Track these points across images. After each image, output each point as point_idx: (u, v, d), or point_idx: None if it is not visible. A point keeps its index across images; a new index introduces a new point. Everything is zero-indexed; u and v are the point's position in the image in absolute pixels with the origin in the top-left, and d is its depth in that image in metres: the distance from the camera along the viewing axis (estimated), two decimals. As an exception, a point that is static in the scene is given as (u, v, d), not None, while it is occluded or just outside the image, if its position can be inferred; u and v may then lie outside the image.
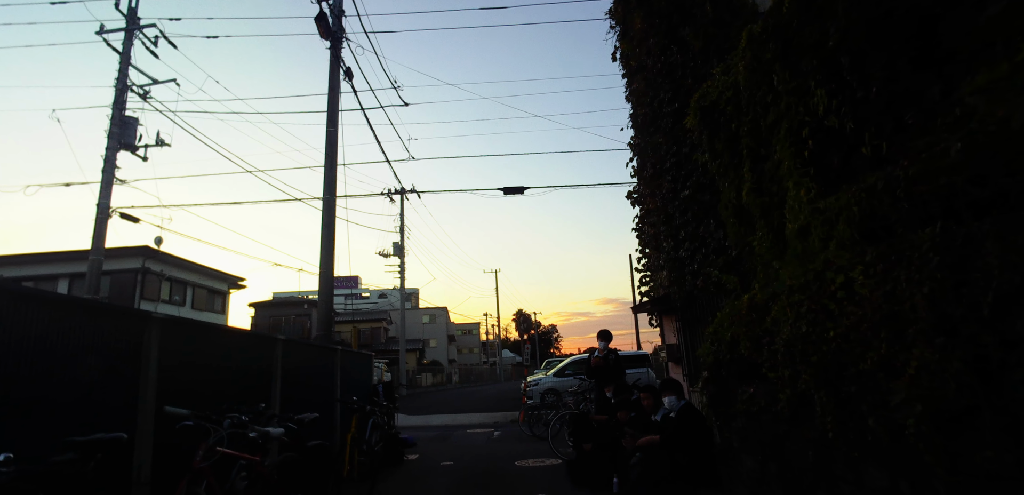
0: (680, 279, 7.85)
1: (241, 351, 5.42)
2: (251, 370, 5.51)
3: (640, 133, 9.41)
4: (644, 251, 10.45)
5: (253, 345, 5.82)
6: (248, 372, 5.43)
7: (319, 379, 7.36)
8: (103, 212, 16.70)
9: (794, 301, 3.27)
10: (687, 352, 8.53)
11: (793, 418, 3.48)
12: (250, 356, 5.56)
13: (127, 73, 17.26)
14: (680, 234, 7.60)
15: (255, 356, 5.66)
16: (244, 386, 5.25)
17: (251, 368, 5.52)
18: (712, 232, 6.51)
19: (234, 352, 5.20)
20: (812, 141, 4.13)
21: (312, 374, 7.10)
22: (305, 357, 6.99)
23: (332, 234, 8.63)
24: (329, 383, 7.76)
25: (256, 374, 5.63)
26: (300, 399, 6.54)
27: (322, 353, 7.73)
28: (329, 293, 8.43)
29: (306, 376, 6.91)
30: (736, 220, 5.13)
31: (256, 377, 5.61)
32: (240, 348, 5.42)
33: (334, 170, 8.89)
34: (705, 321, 7.78)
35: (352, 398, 6.02)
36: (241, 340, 5.52)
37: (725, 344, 4.37)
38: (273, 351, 6.09)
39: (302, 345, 6.92)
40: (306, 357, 7.03)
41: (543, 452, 9.52)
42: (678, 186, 7.61)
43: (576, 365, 19.99)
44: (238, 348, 5.36)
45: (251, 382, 5.45)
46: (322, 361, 7.62)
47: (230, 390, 4.95)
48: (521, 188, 14.36)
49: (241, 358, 5.35)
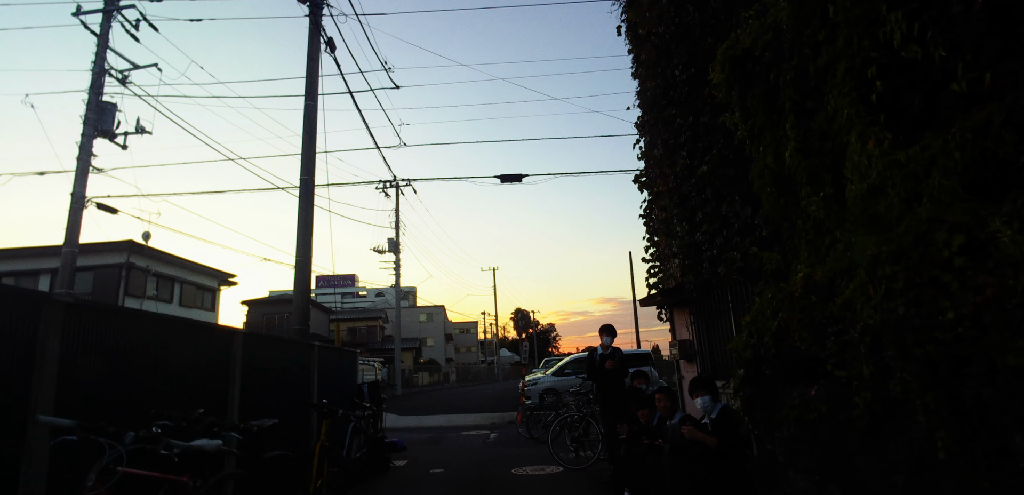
0: (696, 267, 7.03)
1: (188, 345, 4.58)
2: (200, 368, 4.66)
3: (649, 109, 8.58)
4: (652, 239, 9.62)
5: (204, 338, 4.97)
6: (196, 370, 4.59)
7: (292, 379, 6.51)
8: (78, 202, 15.84)
9: (883, 275, 2.46)
10: (702, 349, 7.71)
11: (872, 429, 2.67)
12: (199, 351, 4.71)
13: (105, 56, 16.41)
14: (697, 216, 6.77)
15: (206, 351, 4.82)
16: (189, 387, 4.40)
17: (200, 365, 4.67)
18: (737, 210, 5.69)
19: (175, 346, 4.35)
20: (881, 81, 3.31)
21: (282, 373, 6.25)
22: (274, 354, 6.15)
23: (310, 218, 7.81)
24: (304, 384, 6.92)
25: (207, 373, 4.79)
26: (268, 402, 5.70)
27: (296, 349, 6.89)
28: (306, 283, 7.60)
29: (275, 375, 6.07)
30: (774, 189, 4.31)
31: (207, 376, 4.76)
32: (186, 342, 4.57)
33: (313, 148, 8.06)
34: (724, 313, 6.96)
35: (322, 400, 5.20)
36: (187, 332, 4.67)
37: (769, 335, 3.55)
38: (231, 346, 5.25)
39: (270, 340, 6.08)
40: (275, 354, 6.19)
41: (542, 458, 8.70)
42: (694, 162, 6.78)
43: (575, 364, 19.21)
44: (183, 341, 4.51)
45: (199, 383, 4.60)
46: (296, 358, 6.77)
47: (169, 392, 4.11)
48: (519, 176, 13.54)
49: (187, 354, 4.50)
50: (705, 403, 4.24)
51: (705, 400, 4.23)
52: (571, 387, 13.81)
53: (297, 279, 7.56)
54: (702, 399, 4.25)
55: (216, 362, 4.99)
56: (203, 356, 4.75)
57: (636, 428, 5.30)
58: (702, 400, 4.25)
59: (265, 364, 5.90)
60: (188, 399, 4.14)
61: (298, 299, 7.55)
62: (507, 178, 13.66)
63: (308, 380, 7.08)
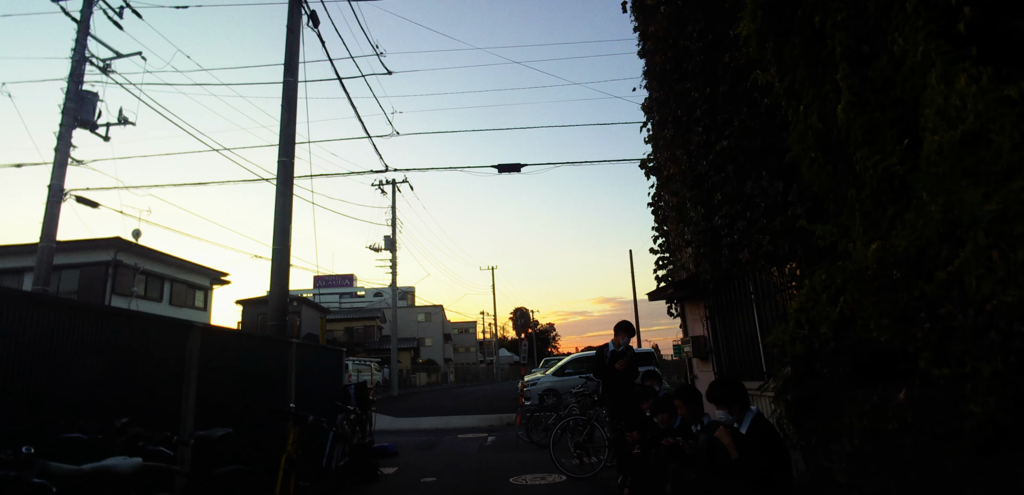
0: (713, 254, 6.34)
1: (124, 341, 3.88)
2: (140, 369, 3.97)
3: (659, 85, 7.89)
4: (661, 228, 8.95)
5: (152, 333, 4.27)
6: (132, 372, 3.89)
7: (265, 382, 5.83)
8: (56, 195, 15.10)
9: (1019, 234, 1.79)
10: (718, 346, 7.02)
11: (992, 447, 1.99)
12: (140, 349, 4.01)
13: (86, 43, 15.70)
14: (714, 197, 6.08)
15: (150, 350, 4.12)
16: (121, 392, 3.70)
17: (140, 366, 3.98)
18: (764, 187, 5.00)
19: (100, 341, 3.64)
20: (969, 7, 2.63)
21: (254, 375, 5.57)
22: (242, 353, 5.46)
23: (289, 204, 7.12)
24: (279, 387, 6.23)
25: (152, 375, 4.09)
26: (234, 409, 5.02)
27: (270, 348, 6.20)
28: (283, 274, 6.91)
29: (244, 378, 5.38)
30: (819, 154, 3.62)
31: (151, 379, 4.07)
32: (120, 336, 3.87)
33: (292, 128, 7.37)
34: (745, 305, 6.28)
35: (289, 405, 4.52)
36: (120, 324, 3.95)
37: (827, 325, 2.86)
38: (185, 342, 4.56)
39: (237, 337, 5.39)
40: (244, 352, 5.50)
41: (543, 464, 8.02)
42: (712, 137, 6.09)
43: (576, 363, 18.53)
44: (113, 336, 3.81)
45: (138, 387, 3.91)
46: (270, 359, 6.09)
47: (85, 398, 3.40)
48: (517, 165, 12.86)
49: (121, 351, 3.81)
50: (724, 416, 3.48)
51: (722, 414, 3.48)
52: (573, 388, 13.14)
53: (274, 270, 6.86)
54: (720, 413, 3.51)
55: (166, 363, 4.29)
56: (146, 355, 4.05)
57: (651, 433, 4.63)
58: (721, 414, 3.51)
59: (232, 365, 5.22)
60: (119, 405, 3.44)
61: (275, 292, 6.86)
62: (505, 168, 12.98)
63: (284, 382, 6.39)
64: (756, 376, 6.07)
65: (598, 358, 7.09)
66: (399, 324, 48.53)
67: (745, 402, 3.57)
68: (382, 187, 33.83)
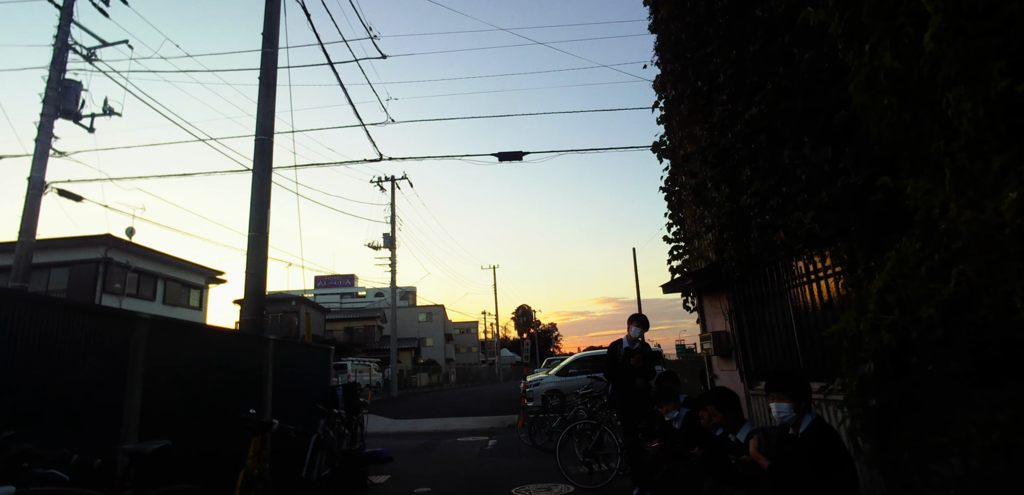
0: (739, 238, 5.64)
1: (50, 335, 3.20)
2: (68, 368, 3.29)
3: (675, 57, 7.19)
4: (676, 215, 8.23)
5: (87, 325, 3.58)
6: (59, 371, 3.21)
7: (234, 383, 5.13)
8: (36, 188, 14.47)
9: None
10: (743, 341, 6.31)
11: None
12: (68, 341, 3.33)
13: (69, 30, 15.09)
14: (742, 173, 5.38)
15: (77, 345, 3.43)
16: (38, 396, 3.02)
17: (68, 364, 3.29)
18: (808, 155, 4.29)
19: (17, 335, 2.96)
20: None
21: (217, 375, 4.87)
22: (204, 350, 4.76)
23: (267, 185, 6.44)
24: (252, 388, 5.54)
25: (85, 376, 3.41)
26: (191, 415, 4.33)
27: (242, 346, 5.52)
28: (260, 263, 6.22)
29: (205, 378, 4.69)
30: (896, 99, 2.92)
31: (79, 381, 3.38)
32: (42, 328, 3.19)
33: (272, 103, 6.69)
34: (777, 296, 5.58)
35: (249, 411, 3.83)
36: (45, 312, 3.26)
37: (934, 307, 2.17)
38: (129, 336, 3.87)
39: (196, 331, 4.69)
40: (207, 349, 4.80)
41: (548, 471, 7.33)
42: (740, 106, 5.39)
43: (581, 363, 17.83)
44: (32, 328, 3.12)
45: (66, 388, 3.23)
46: (242, 356, 5.40)
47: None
48: (519, 153, 12.18)
49: (46, 346, 3.13)
50: (783, 412, 2.83)
51: (783, 408, 2.83)
52: (578, 388, 12.45)
53: (250, 259, 6.18)
54: (779, 406, 2.85)
55: (101, 361, 3.60)
56: (74, 352, 3.36)
57: (680, 442, 3.94)
58: (780, 408, 2.84)
59: (192, 364, 4.52)
60: (34, 413, 2.76)
61: (251, 282, 6.17)
62: (506, 156, 12.30)
63: (259, 385, 5.70)
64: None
65: (610, 356, 6.41)
66: (400, 324, 47.85)
67: (809, 400, 2.89)
68: (381, 184, 33.21)
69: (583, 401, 9.38)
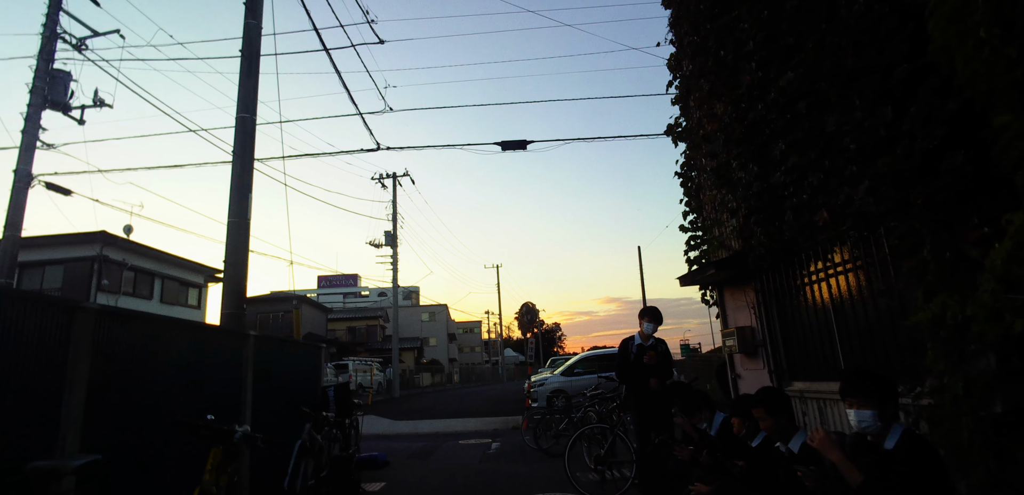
0: (770, 221, 5.05)
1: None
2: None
3: (694, 28, 6.60)
4: (692, 202, 7.65)
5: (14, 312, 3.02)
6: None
7: (203, 384, 4.57)
8: (23, 181, 14.00)
9: None
10: (773, 337, 5.73)
11: None
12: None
13: (57, 18, 14.63)
14: (775, 148, 4.79)
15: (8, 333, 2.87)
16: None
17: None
18: (860, 119, 3.70)
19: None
20: None
21: (185, 376, 4.31)
22: (168, 346, 4.18)
23: (248, 168, 5.89)
24: (228, 390, 4.98)
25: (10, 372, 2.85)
26: (151, 421, 3.77)
27: (217, 342, 4.95)
28: (241, 251, 5.66)
29: (171, 378, 4.13)
30: (1001, 29, 2.34)
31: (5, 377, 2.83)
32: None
33: (254, 79, 6.13)
34: (814, 285, 4.99)
35: (207, 418, 3.26)
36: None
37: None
38: (69, 329, 3.31)
39: (156, 324, 4.12)
40: (171, 346, 4.22)
41: (554, 478, 6.77)
42: (772, 72, 4.80)
43: (587, 362, 17.24)
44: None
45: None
46: (216, 354, 4.83)
47: None
48: (523, 142, 11.60)
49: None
50: (866, 419, 2.23)
51: (866, 414, 2.24)
52: (586, 389, 11.87)
53: (230, 247, 5.61)
54: (860, 413, 2.26)
55: (38, 357, 3.05)
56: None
57: (722, 450, 3.36)
58: (860, 415, 2.25)
59: (154, 363, 3.97)
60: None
61: (230, 272, 5.60)
62: (509, 145, 11.72)
63: (237, 385, 5.14)
64: (830, 376, 4.78)
65: (622, 354, 5.80)
66: (403, 324, 47.35)
67: (897, 407, 2.29)
68: (382, 181, 32.67)
69: (592, 403, 8.81)
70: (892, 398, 2.15)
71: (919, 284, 3.35)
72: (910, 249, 3.48)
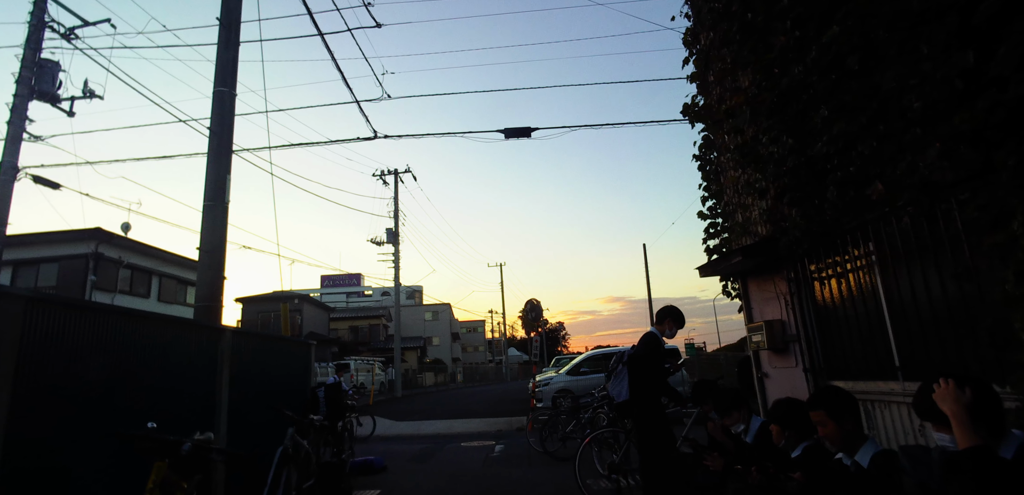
0: (808, 199, 4.47)
1: None
2: None
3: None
4: (712, 186, 7.06)
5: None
6: None
7: (169, 386, 4.03)
8: (8, 173, 13.51)
9: None
10: (809, 333, 5.14)
11: None
12: None
13: (45, 6, 14.14)
14: (816, 115, 4.21)
15: None
16: None
17: None
18: (928, 71, 3.12)
19: None
20: None
21: (146, 376, 3.77)
22: (123, 342, 3.64)
23: (227, 147, 5.35)
24: (198, 391, 4.44)
25: None
26: (94, 430, 3.23)
27: (186, 335, 4.41)
28: (217, 239, 5.11)
29: (128, 379, 3.59)
30: None
31: None
32: None
33: (234, 50, 5.57)
34: (860, 271, 4.40)
35: (148, 426, 2.73)
36: None
37: None
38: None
39: (109, 315, 3.57)
40: (127, 342, 3.68)
41: (562, 484, 6.22)
42: (809, 31, 4.22)
43: (594, 361, 16.68)
44: None
45: None
46: (186, 351, 4.29)
47: None
48: (527, 129, 11.04)
49: None
50: (949, 442, 1.69)
51: (947, 440, 1.70)
52: (593, 388, 11.31)
53: (205, 233, 5.06)
54: (943, 436, 1.72)
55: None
56: None
57: (772, 463, 2.79)
58: (945, 439, 1.71)
59: (106, 361, 3.43)
60: None
61: (205, 262, 5.05)
62: (512, 133, 11.16)
63: (210, 387, 4.59)
64: (881, 374, 4.20)
65: (659, 346, 5.04)
66: (405, 323, 46.86)
67: (1003, 422, 1.75)
68: (384, 177, 32.16)
69: (601, 404, 8.26)
70: (996, 413, 1.66)
71: (1007, 263, 2.79)
72: (994, 222, 2.91)
